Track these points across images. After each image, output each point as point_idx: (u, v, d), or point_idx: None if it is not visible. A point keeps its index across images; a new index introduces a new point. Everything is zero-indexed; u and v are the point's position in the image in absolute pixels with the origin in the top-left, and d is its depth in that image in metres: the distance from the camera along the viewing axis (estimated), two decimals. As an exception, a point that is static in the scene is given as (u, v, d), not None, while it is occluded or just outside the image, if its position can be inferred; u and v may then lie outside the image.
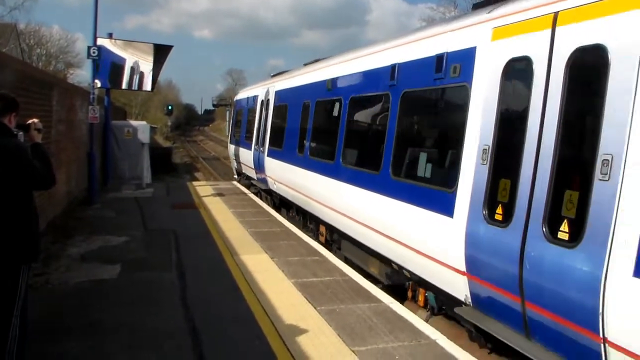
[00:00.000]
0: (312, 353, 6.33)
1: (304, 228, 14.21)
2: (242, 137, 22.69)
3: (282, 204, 16.82)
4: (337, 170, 11.11)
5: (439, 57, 7.68)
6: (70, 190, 14.76)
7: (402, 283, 9.15)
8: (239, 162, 23.54)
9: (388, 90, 9.23)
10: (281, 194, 16.21)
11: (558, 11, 5.66)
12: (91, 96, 16.60)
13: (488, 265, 6.33)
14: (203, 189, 21.09)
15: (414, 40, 8.81)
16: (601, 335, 4.85)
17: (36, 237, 5.12)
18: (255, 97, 20.70)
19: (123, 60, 21.25)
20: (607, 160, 4.85)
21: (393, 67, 9.09)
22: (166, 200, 17.77)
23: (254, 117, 20.09)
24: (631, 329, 4.60)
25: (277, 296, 8.27)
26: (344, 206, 10.65)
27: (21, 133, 5.23)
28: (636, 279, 4.49)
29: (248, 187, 21.55)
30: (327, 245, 12.39)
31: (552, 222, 5.47)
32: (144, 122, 25.74)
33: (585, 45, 5.30)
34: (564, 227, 5.32)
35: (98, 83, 18.41)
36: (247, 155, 20.95)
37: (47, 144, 9.57)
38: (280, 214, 16.20)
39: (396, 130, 8.83)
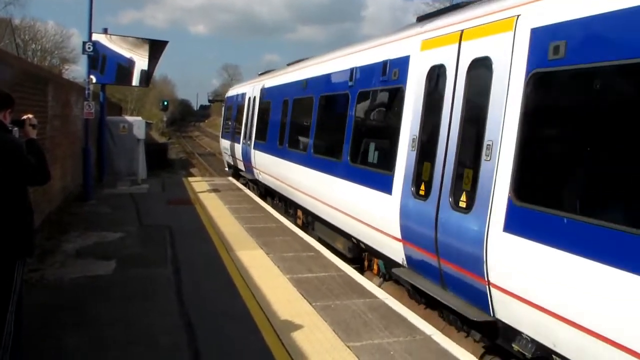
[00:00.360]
0: (308, 349, 6.34)
1: (285, 214, 15.65)
2: (232, 131, 24.23)
3: (268, 193, 18.45)
4: (310, 159, 12.71)
5: (384, 63, 9.36)
6: (65, 186, 14.73)
7: (360, 255, 10.92)
8: (229, 155, 25.11)
9: (347, 90, 10.80)
10: (265, 183, 17.91)
11: (463, 29, 7.25)
12: (86, 92, 16.56)
13: (415, 232, 7.88)
14: (199, 184, 21.09)
15: (367, 48, 10.40)
16: (486, 279, 6.34)
17: (31, 232, 5.12)
18: (243, 94, 22.22)
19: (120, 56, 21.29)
20: (490, 145, 6.37)
21: (351, 70, 10.70)
22: (162, 196, 17.77)
23: (243, 113, 21.54)
24: (503, 272, 6.09)
25: (272, 292, 8.28)
26: (315, 191, 12.27)
27: (16, 129, 5.22)
28: (505, 233, 5.98)
29: (237, 179, 23.24)
30: (304, 227, 13.94)
31: (455, 194, 7.00)
32: (139, 118, 25.74)
33: (479, 57, 6.84)
34: (463, 197, 6.87)
35: (93, 78, 18.40)
36: (236, 149, 22.53)
37: (42, 140, 9.55)
38: (266, 202, 17.53)
39: (353, 125, 10.49)
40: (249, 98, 20.76)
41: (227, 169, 27.32)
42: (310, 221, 13.61)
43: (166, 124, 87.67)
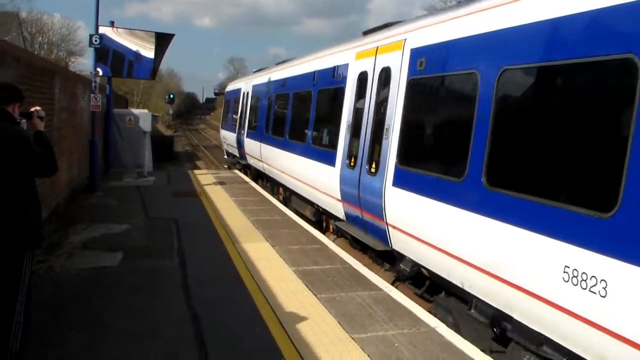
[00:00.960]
0: (313, 340, 6.39)
1: (271, 192, 18.21)
2: (229, 122, 27.16)
3: (259, 176, 21.14)
4: (286, 144, 15.50)
5: (334, 68, 12.17)
6: (72, 179, 14.81)
7: (320, 218, 13.78)
8: (227, 144, 28.34)
9: (311, 88, 13.65)
10: (256, 167, 20.76)
11: (378, 46, 10.04)
12: (93, 84, 16.62)
13: (348, 194, 10.56)
14: (204, 177, 21.16)
15: (325, 56, 13.21)
16: (385, 220, 8.99)
17: (39, 224, 5.17)
18: (239, 90, 24.98)
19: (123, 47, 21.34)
20: (387, 128, 9.06)
21: (314, 72, 13.65)
22: (167, 188, 17.84)
23: (238, 106, 24.40)
24: (393, 213, 8.72)
25: (277, 284, 8.34)
26: (290, 170, 15.00)
27: (24, 121, 5.26)
28: (393, 187, 8.67)
29: (234, 165, 26.55)
30: (284, 202, 16.72)
31: (369, 163, 9.75)
32: (145, 111, 25.80)
33: (384, 66, 9.60)
34: (373, 165, 9.60)
35: (100, 71, 18.44)
36: (232, 138, 25.28)
37: (49, 132, 9.59)
38: (258, 184, 20.17)
39: (315, 115, 13.32)
40: (243, 93, 23.52)
41: (225, 156, 30.28)
42: (288, 196, 16.58)
43: (172, 116, 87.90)
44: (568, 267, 5.11)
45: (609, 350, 4.77)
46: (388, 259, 9.77)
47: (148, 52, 21.77)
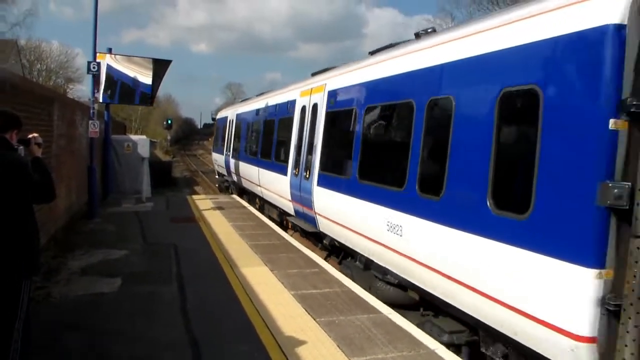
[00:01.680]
0: (312, 364, 6.36)
1: (250, 202, 21.70)
2: (219, 145, 30.64)
3: (242, 192, 24.49)
4: (259, 162, 18.90)
5: (287, 102, 15.87)
6: (70, 205, 14.82)
7: (282, 219, 16.66)
8: (218, 165, 32.07)
9: (274, 117, 17.38)
10: (239, 183, 24.21)
11: (312, 87, 13.49)
12: (91, 111, 16.72)
13: (295, 195, 13.93)
14: (203, 202, 21.17)
15: (284, 92, 16.95)
16: (314, 210, 12.27)
17: (37, 251, 5.17)
18: (226, 117, 28.88)
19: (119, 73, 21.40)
20: (315, 146, 12.45)
21: (275, 105, 17.53)
22: (166, 214, 17.83)
23: (225, 131, 28.10)
24: (318, 205, 12.00)
25: (276, 308, 8.31)
26: (263, 182, 18.31)
27: (22, 147, 5.29)
28: (318, 187, 11.93)
29: (223, 183, 30.64)
30: (260, 210, 19.82)
31: (305, 171, 13.00)
32: (143, 137, 25.90)
33: (314, 103, 13.06)
34: (307, 172, 12.87)
35: (98, 98, 18.54)
36: (221, 159, 28.99)
37: (47, 159, 9.64)
38: (242, 199, 22.99)
39: (277, 138, 16.72)
40: (229, 120, 27.16)
41: (217, 176, 34.36)
42: (262, 205, 19.98)
43: (170, 142, 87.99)
44: (389, 221, 8.59)
45: (404, 262, 8.22)
46: (318, 238, 13.10)
47: (146, 78, 21.85)
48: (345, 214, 10.50)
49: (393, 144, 9.26)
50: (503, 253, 5.93)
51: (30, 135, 5.34)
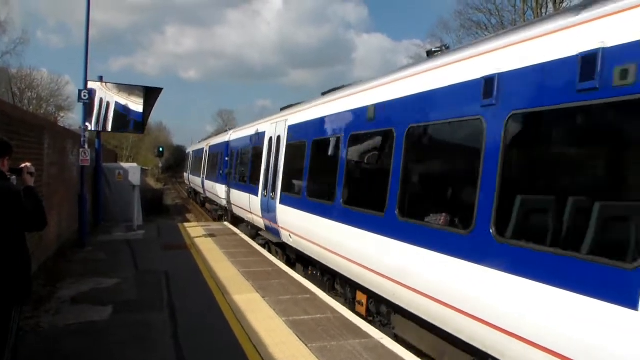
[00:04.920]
0: (304, 390, 6.33)
1: (224, 218, 26.50)
2: (194, 171, 41.13)
3: (237, 220, 26.71)
4: (232, 184, 23.01)
5: (258, 134, 18.45)
6: (61, 233, 14.76)
7: (254, 233, 19.02)
8: (193, 184, 42.26)
9: (249, 147, 20.07)
10: (215, 200, 29.73)
11: (277, 122, 16.15)
12: (82, 139, 16.76)
13: (265, 211, 16.16)
14: (194, 230, 21.14)
15: (257, 124, 19.40)
16: (278, 225, 14.73)
17: (28, 279, 5.18)
18: (201, 149, 36.86)
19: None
20: (278, 170, 15.12)
21: (250, 136, 20.05)
22: (158, 241, 17.77)
23: (201, 159, 36.20)
24: (281, 219, 14.40)
25: (268, 334, 8.29)
26: (237, 202, 21.62)
27: (14, 177, 5.33)
28: (280, 205, 14.54)
29: (198, 202, 39.58)
30: (235, 224, 23.02)
31: (272, 192, 15.35)
32: (135, 164, 25.86)
33: (278, 135, 15.71)
34: (273, 193, 15.32)
35: (89, 126, 18.57)
36: (197, 180, 37.59)
37: (38, 187, 9.63)
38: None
39: (251, 164, 19.36)
40: (205, 151, 34.57)
41: (187, 195, 43.89)
42: (237, 221, 23.02)
43: (162, 170, 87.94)
44: (328, 228, 10.88)
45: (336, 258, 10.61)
46: (282, 248, 15.51)
47: (137, 106, 21.89)
48: (300, 226, 12.76)
49: (330, 170, 10.89)
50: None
51: (22, 165, 5.38)
